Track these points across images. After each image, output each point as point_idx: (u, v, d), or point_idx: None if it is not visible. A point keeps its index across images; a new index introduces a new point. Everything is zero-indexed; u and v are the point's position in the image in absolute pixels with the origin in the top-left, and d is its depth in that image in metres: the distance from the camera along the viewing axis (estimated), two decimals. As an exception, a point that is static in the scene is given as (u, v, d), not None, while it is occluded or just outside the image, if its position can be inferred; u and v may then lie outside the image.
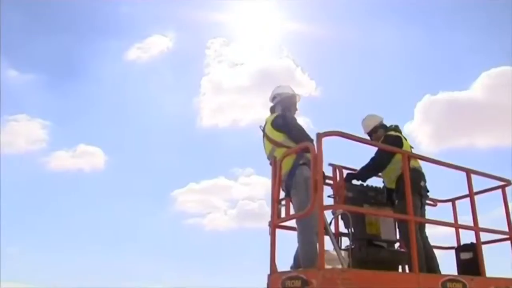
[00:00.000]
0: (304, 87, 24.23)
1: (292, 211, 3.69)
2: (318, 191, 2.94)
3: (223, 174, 25.78)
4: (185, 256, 24.31)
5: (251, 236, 25.53)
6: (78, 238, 22.34)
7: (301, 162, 3.59)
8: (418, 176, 4.39)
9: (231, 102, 25.32)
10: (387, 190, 4.52)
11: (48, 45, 24.78)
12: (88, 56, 26.05)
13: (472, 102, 19.41)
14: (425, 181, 4.54)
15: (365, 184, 4.44)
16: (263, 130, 4.08)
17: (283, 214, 3.59)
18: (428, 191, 4.54)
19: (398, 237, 4.32)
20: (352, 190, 4.26)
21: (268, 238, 3.48)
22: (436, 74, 23.82)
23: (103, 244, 22.24)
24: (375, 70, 23.97)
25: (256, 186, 24.05)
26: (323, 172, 3.15)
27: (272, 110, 4.19)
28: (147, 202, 25.75)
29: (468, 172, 4.16)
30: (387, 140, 4.54)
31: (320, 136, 3.11)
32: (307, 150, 3.59)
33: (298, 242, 3.47)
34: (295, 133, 3.78)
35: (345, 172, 4.43)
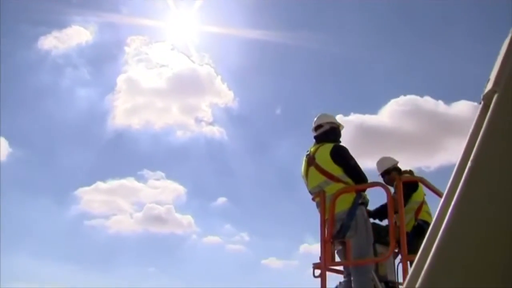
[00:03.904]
0: (222, 97, 24.06)
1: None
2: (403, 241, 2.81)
3: (133, 176, 23.66)
4: (84, 258, 22.53)
5: (156, 241, 24.68)
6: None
7: (360, 201, 3.39)
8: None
9: (147, 103, 24.03)
10: None
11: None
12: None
13: (379, 127, 20.93)
14: None
15: (379, 223, 4.40)
16: (312, 160, 3.72)
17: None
18: None
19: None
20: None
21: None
22: (350, 95, 25.53)
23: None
24: (293, 85, 24.93)
25: (165, 191, 22.96)
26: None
27: (318, 139, 3.89)
28: (49, 199, 23.12)
29: None
30: (404, 184, 4.52)
31: (399, 179, 3.00)
32: (364, 189, 3.45)
33: (354, 286, 3.28)
34: (354, 170, 3.55)
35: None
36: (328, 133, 3.83)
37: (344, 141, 4.11)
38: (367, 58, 23.38)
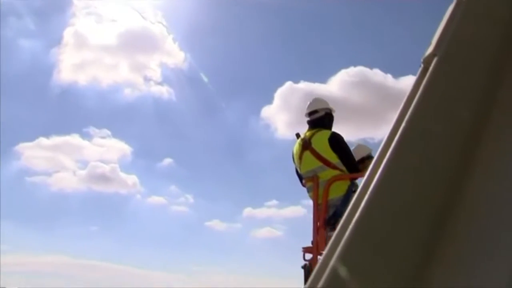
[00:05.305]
0: (172, 57, 23.76)
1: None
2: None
3: (77, 132, 22.93)
4: (25, 216, 22.54)
5: (99, 200, 24.64)
6: None
7: (353, 189, 3.42)
8: None
9: (94, 59, 23.77)
10: None
11: None
12: None
13: (327, 96, 20.50)
14: None
15: None
16: (307, 144, 3.73)
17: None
18: None
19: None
20: None
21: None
22: (301, 63, 24.98)
23: None
24: (245, 47, 24.41)
25: (110, 149, 23.03)
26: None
27: (312, 124, 3.91)
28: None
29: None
30: None
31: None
32: (357, 178, 3.48)
33: None
34: (349, 158, 3.63)
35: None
36: (324, 119, 3.89)
37: (293, 107, 4.07)
38: (320, 26, 23.05)
